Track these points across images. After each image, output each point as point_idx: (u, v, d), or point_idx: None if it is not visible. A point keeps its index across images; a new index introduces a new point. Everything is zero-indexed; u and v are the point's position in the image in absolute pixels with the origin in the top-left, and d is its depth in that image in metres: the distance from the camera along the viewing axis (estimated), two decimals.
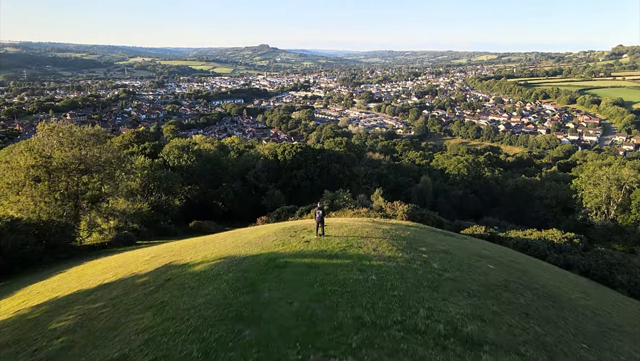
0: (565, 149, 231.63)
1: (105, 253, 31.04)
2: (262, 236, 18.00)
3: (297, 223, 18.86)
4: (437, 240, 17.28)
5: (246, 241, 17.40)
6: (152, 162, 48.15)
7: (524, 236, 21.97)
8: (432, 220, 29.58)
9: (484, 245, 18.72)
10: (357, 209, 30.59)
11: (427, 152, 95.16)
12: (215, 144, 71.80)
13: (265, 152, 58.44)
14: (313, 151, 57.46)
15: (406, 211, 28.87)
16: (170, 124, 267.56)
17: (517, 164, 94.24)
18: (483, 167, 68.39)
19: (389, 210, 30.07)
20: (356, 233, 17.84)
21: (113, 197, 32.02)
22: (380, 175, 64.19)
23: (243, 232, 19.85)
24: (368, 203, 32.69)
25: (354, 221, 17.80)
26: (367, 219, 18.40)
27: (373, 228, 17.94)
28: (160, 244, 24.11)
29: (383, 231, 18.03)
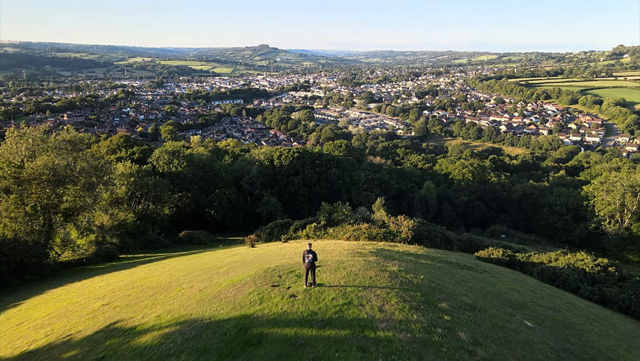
0: (568, 150, 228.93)
1: (80, 273, 28.22)
2: (236, 285, 14.38)
3: (286, 252, 15.84)
4: (457, 282, 14.16)
5: (215, 292, 13.87)
6: (139, 168, 45.29)
7: (548, 262, 19.15)
8: (439, 237, 26.76)
9: (510, 282, 15.80)
10: (358, 225, 27.76)
11: (429, 156, 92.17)
12: (210, 147, 68.91)
13: (260, 157, 55.60)
14: (311, 156, 54.61)
15: (411, 228, 26.00)
16: (169, 124, 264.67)
17: (523, 167, 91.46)
18: (489, 172, 65.51)
19: (392, 226, 27.20)
20: (356, 279, 14.02)
21: (91, 210, 29.21)
22: (382, 180, 61.35)
23: (219, 268, 16.15)
24: (369, 217, 29.84)
25: (354, 259, 14.56)
26: (370, 249, 15.47)
27: (378, 269, 14.30)
28: (127, 272, 21.09)
29: (390, 276, 14.32)
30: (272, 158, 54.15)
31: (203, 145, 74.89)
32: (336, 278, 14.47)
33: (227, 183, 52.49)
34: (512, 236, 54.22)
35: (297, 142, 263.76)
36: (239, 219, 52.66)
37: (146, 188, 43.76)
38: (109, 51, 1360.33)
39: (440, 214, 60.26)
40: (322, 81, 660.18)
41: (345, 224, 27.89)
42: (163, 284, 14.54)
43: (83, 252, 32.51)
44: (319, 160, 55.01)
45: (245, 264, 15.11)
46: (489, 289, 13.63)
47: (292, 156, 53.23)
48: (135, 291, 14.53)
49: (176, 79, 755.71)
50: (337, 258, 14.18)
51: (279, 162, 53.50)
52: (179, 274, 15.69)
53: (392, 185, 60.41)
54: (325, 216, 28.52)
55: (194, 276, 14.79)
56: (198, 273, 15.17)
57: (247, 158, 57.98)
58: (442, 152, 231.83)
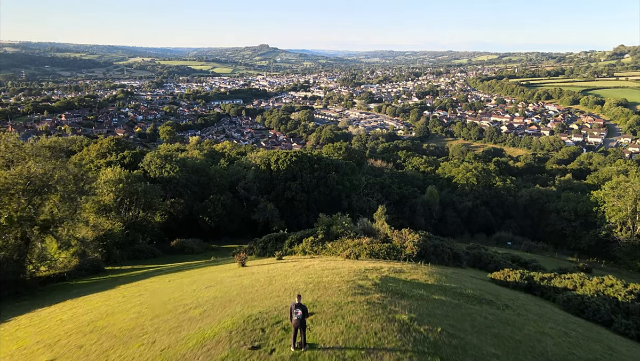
0: (570, 151, 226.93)
1: (57, 291, 26.13)
2: (207, 344, 11.51)
3: (276, 284, 13.50)
4: (480, 331, 11.87)
5: (179, 355, 11.04)
6: (129, 173, 43.14)
7: (573, 288, 16.99)
8: (447, 253, 24.68)
9: (537, 321, 13.66)
10: (358, 238, 25.62)
11: (431, 159, 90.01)
12: (206, 150, 66.67)
13: (257, 161, 53.45)
14: (309, 160, 52.46)
15: (417, 243, 23.89)
16: (167, 125, 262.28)
17: (527, 170, 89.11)
18: (494, 176, 63.33)
19: (396, 240, 25.08)
20: (358, 336, 11.23)
21: (71, 221, 27.09)
22: (383, 185, 59.19)
23: (194, 309, 13.28)
24: (371, 229, 27.70)
25: (355, 299, 11.92)
26: (373, 279, 13.28)
27: (384, 318, 11.70)
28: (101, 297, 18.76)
29: (400, 329, 11.65)
30: (269, 162, 52.01)
31: (198, 148, 72.66)
32: (333, 335, 11.74)
33: (222, 188, 50.35)
34: (518, 243, 52.09)
35: (296, 143, 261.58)
36: (235, 226, 50.54)
37: (136, 195, 41.62)
38: (108, 51, 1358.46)
39: (443, 220, 58.17)
40: (322, 81, 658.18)
41: (345, 238, 25.74)
42: (125, 331, 12.36)
43: (65, 265, 30.40)
44: (317, 164, 52.87)
45: (225, 304, 12.83)
46: (517, 338, 11.44)
47: (289, 160, 51.09)
48: (91, 339, 12.35)
49: (176, 79, 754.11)
50: (334, 300, 11.83)
51: (276, 167, 51.36)
52: (148, 314, 13.48)
53: (393, 190, 58.23)
54: (323, 229, 26.38)
55: (162, 322, 12.51)
56: (168, 317, 12.93)
57: (243, 162, 55.81)
58: (443, 153, 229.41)
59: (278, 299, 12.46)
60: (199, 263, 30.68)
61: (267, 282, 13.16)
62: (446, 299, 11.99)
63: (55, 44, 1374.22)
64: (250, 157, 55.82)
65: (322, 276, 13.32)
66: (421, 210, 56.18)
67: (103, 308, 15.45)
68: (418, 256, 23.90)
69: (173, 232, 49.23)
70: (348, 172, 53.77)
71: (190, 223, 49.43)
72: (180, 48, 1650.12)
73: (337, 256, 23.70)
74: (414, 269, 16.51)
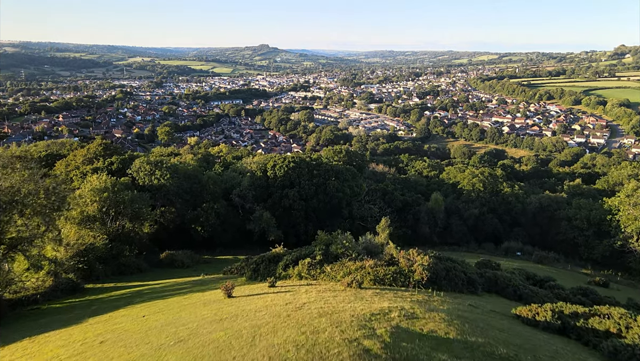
0: (573, 152, 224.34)
1: (22, 319, 23.43)
2: None
3: (263, 341, 10.92)
4: None
5: None
6: (115, 181, 40.43)
7: (618, 332, 14.35)
8: (460, 278, 22.07)
9: None
10: (361, 260, 22.95)
11: (434, 162, 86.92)
12: (200, 154, 63.94)
13: (252, 167, 50.74)
14: (308, 165, 49.75)
15: (427, 266, 21.25)
16: (166, 125, 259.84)
17: (534, 174, 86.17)
18: (501, 181, 60.57)
19: (402, 262, 22.41)
20: None
21: (41, 240, 24.45)
22: (385, 191, 56.48)
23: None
24: (374, 247, 25.04)
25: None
26: (382, 334, 10.72)
27: None
28: (60, 338, 16.15)
29: None
30: (266, 168, 49.30)
31: (193, 152, 69.96)
32: None
33: (216, 195, 47.68)
34: (528, 254, 49.43)
35: (296, 144, 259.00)
36: (229, 236, 47.85)
37: (122, 204, 38.91)
38: (108, 51, 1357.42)
39: (449, 228, 55.51)
40: (322, 81, 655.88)
41: (346, 260, 23.05)
42: None
43: (38, 286, 27.72)
44: (316, 170, 50.17)
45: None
46: None
47: (287, 166, 48.37)
48: None
49: (175, 79, 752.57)
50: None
51: (273, 173, 48.64)
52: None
53: (396, 196, 55.54)
54: (321, 249, 23.67)
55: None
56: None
57: (238, 167, 53.08)
58: (444, 155, 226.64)
59: (272, 322, 9.88)
60: (185, 284, 28.00)
61: (250, 339, 10.50)
62: (467, 350, 9.50)
63: (55, 44, 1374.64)
64: (245, 163, 53.08)
65: (319, 329, 10.69)
66: (425, 218, 53.55)
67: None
68: (428, 282, 21.19)
69: (163, 242, 46.53)
70: (349, 178, 51.08)
71: (182, 233, 46.74)
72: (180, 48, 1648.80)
73: (337, 283, 21.00)
74: (429, 312, 13.79)
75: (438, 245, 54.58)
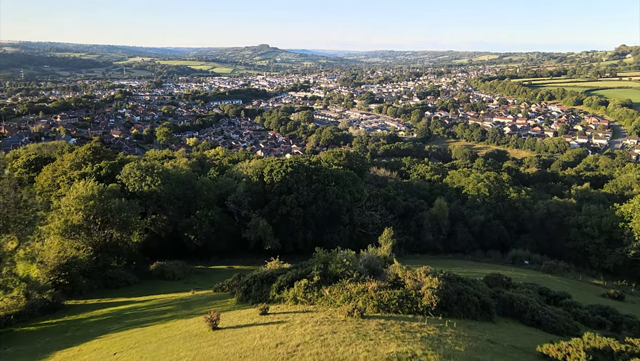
0: (576, 153, 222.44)
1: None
2: None
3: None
4: None
5: None
6: (103, 188, 38.26)
7: None
8: (474, 303, 20.07)
9: None
10: (363, 282, 20.80)
11: (437, 165, 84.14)
12: (195, 158, 61.57)
13: (248, 172, 48.53)
14: (306, 170, 47.57)
15: (436, 290, 19.20)
16: (164, 126, 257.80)
17: (540, 178, 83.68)
18: (507, 186, 58.33)
19: (409, 283, 20.31)
20: None
21: (9, 259, 22.28)
22: (387, 197, 54.30)
23: None
24: (376, 265, 22.87)
25: None
26: None
27: None
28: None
29: None
30: (262, 173, 47.11)
31: (187, 155, 67.66)
32: None
33: (210, 202, 45.52)
34: (537, 262, 47.27)
35: (296, 145, 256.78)
36: (224, 244, 45.71)
37: (109, 213, 36.76)
38: (108, 51, 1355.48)
39: (453, 235, 53.33)
40: (322, 81, 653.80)
41: (346, 281, 20.90)
42: None
43: (10, 307, 25.57)
44: (315, 175, 48.00)
45: None
46: None
47: (284, 171, 46.19)
48: None
49: (175, 79, 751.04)
50: None
51: (270, 179, 46.45)
52: None
53: (398, 202, 53.34)
54: (319, 268, 21.49)
55: None
56: None
57: (234, 172, 50.85)
58: (446, 156, 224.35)
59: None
60: (171, 304, 25.87)
61: None
62: None
63: (55, 44, 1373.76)
64: (241, 168, 50.77)
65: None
66: (429, 225, 51.35)
67: None
68: (438, 308, 19.03)
69: (155, 252, 44.41)
70: (349, 183, 48.92)
71: (175, 241, 44.60)
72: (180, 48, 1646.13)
73: (336, 309, 18.85)
74: (444, 360, 11.65)
75: (442, 253, 52.48)
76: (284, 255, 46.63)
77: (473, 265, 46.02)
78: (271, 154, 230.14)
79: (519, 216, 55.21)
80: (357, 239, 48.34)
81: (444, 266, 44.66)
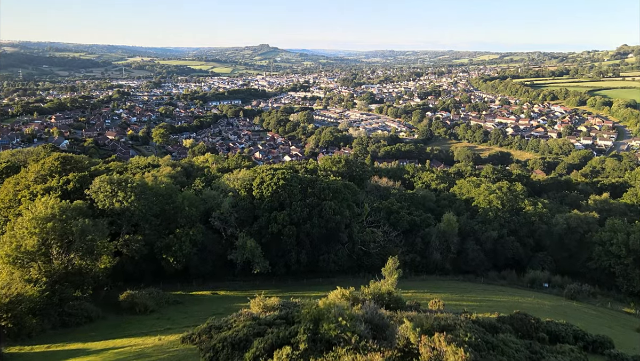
0: (581, 155, 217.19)
1: None
2: None
3: None
4: None
5: None
6: (66, 206, 33.31)
7: None
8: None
9: None
10: (365, 353, 15.83)
11: (441, 172, 77.42)
12: (179, 168, 56.16)
13: (236, 185, 43.43)
14: (301, 182, 42.58)
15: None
16: (161, 127, 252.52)
17: (553, 186, 77.45)
18: (522, 198, 53.16)
19: (425, 354, 15.35)
20: None
21: None
22: (390, 211, 49.28)
23: None
24: (382, 320, 17.92)
25: None
26: None
27: None
28: None
29: None
30: (251, 186, 42.14)
31: (173, 163, 62.13)
32: None
33: (192, 219, 40.55)
34: (558, 286, 42.34)
35: (295, 146, 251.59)
36: (208, 267, 40.74)
37: (71, 236, 31.78)
38: (108, 51, 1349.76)
39: (463, 253, 48.27)
40: (322, 81, 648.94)
41: (342, 350, 15.94)
42: None
43: None
44: (311, 187, 43.01)
45: None
46: None
47: (275, 183, 41.18)
48: None
49: (174, 79, 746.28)
50: None
51: (259, 193, 41.49)
52: None
53: (403, 217, 48.32)
54: (307, 330, 16.54)
55: None
56: None
57: (221, 184, 45.62)
58: (448, 158, 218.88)
59: None
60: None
61: None
62: None
63: (54, 44, 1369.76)
64: (228, 180, 45.23)
65: None
66: (437, 243, 46.32)
67: None
68: None
69: (129, 276, 39.49)
70: (348, 197, 43.93)
71: (152, 264, 39.60)
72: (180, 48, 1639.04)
73: None
74: None
75: (451, 273, 47.48)
76: (274, 277, 41.49)
77: (487, 290, 41.07)
78: (269, 156, 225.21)
79: (536, 231, 50.17)
80: (357, 259, 43.44)
81: (455, 290, 39.65)
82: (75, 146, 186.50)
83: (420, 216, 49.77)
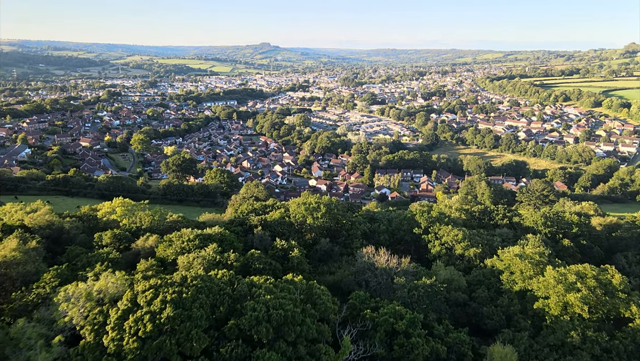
0: (605, 164, 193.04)
1: None
2: None
3: None
4: None
5: None
6: None
7: None
8: None
9: None
10: None
11: (471, 230, 45.91)
12: (34, 242, 32.37)
13: (76, 316, 20.52)
14: (214, 305, 20.72)
15: None
16: (141, 133, 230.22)
17: (630, 239, 51.44)
18: (621, 298, 30.68)
19: None
20: None
21: None
22: (392, 330, 27.21)
23: None
24: None
25: None
26: None
27: None
28: None
29: None
30: (105, 320, 20.26)
31: (27, 237, 35.71)
32: None
33: None
34: None
35: (288, 153, 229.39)
36: None
37: None
38: (108, 49, 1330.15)
39: None
40: (323, 80, 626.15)
41: None
42: None
43: None
44: (234, 316, 21.24)
45: None
46: None
47: (153, 318, 19.28)
48: None
49: (171, 78, 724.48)
50: None
51: (118, 336, 19.73)
52: None
53: (415, 345, 26.10)
54: None
55: None
56: None
57: (54, 310, 22.53)
58: (457, 167, 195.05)
59: None
60: None
61: None
62: None
63: (54, 43, 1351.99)
64: (64, 304, 22.29)
65: None
66: None
67: None
68: None
69: None
70: (310, 332, 21.91)
71: None
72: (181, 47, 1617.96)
73: None
74: None
75: None
76: None
77: None
78: (259, 165, 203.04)
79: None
80: None
81: None
82: (37, 155, 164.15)
83: (447, 338, 27.42)
